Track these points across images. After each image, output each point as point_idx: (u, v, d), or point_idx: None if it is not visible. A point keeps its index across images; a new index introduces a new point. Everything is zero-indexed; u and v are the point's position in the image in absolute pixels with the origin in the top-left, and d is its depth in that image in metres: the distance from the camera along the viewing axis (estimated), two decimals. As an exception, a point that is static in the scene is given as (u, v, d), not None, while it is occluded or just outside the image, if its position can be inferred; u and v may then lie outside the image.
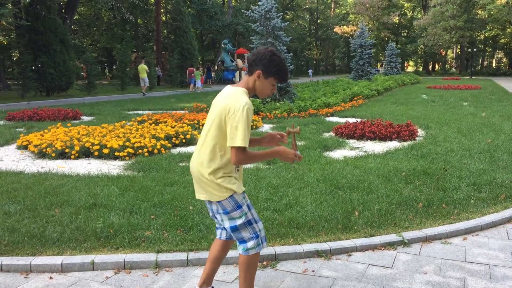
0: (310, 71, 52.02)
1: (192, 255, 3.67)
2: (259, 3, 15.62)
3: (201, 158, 2.69)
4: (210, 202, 2.76)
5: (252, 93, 2.76)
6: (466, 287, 3.30)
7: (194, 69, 31.39)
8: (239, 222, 2.71)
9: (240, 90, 2.66)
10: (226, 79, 39.83)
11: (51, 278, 3.42)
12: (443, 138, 8.98)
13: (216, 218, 2.86)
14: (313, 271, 3.56)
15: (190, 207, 4.68)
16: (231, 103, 2.57)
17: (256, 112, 13.38)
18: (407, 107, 15.53)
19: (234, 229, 2.73)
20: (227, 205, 2.69)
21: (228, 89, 2.73)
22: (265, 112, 13.30)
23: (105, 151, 7.46)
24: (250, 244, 2.73)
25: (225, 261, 3.65)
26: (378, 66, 66.86)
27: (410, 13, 72.48)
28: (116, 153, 7.45)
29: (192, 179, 5.82)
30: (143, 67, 25.69)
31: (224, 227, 2.89)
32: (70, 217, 4.40)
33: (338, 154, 7.75)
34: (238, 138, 2.51)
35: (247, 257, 2.74)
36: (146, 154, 7.59)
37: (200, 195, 2.76)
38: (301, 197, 5.06)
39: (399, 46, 60.53)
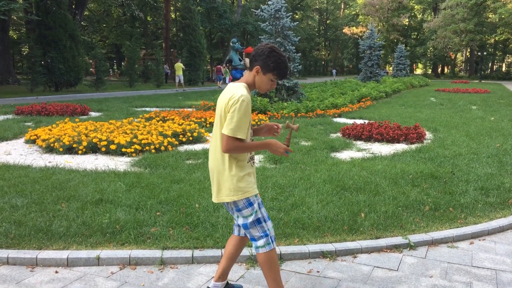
0: (334, 71, 52.86)
1: (197, 253, 3.67)
2: (269, 2, 15.60)
3: (216, 156, 2.76)
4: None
5: (252, 89, 2.79)
6: (472, 291, 3.27)
7: (222, 67, 33.76)
8: (249, 220, 2.77)
9: (239, 85, 2.71)
10: (234, 78, 39.78)
11: (56, 272, 3.44)
12: (451, 141, 8.92)
13: (233, 214, 2.93)
14: (318, 271, 3.55)
15: (196, 205, 4.68)
16: (229, 96, 2.63)
17: (263, 112, 13.36)
18: (415, 110, 15.45)
19: (245, 227, 2.80)
20: (240, 203, 2.75)
21: (229, 85, 2.79)
22: (272, 112, 13.28)
23: (112, 147, 7.49)
24: (259, 242, 2.78)
25: (230, 259, 3.65)
26: (388, 68, 66.63)
27: (420, 16, 72.10)
28: (123, 149, 7.48)
29: (197, 178, 5.83)
30: (179, 65, 28.03)
31: (237, 224, 2.96)
32: (76, 212, 4.42)
33: (345, 155, 7.73)
34: (230, 127, 2.57)
35: (261, 255, 2.79)
36: (153, 151, 7.61)
37: (216, 197, 2.80)
38: (307, 197, 5.05)
39: (408, 48, 60.29)
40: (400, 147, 8.55)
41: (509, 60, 69.93)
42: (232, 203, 2.76)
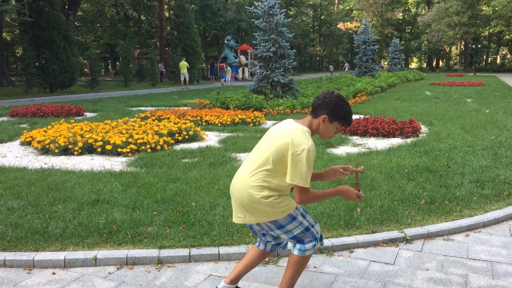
0: (331, 66, 53.25)
1: (194, 251, 3.68)
2: (262, -1, 15.58)
3: (251, 182, 2.67)
4: (258, 223, 2.76)
5: (315, 134, 2.77)
6: (468, 283, 3.30)
7: (225, 66, 35.05)
8: (296, 231, 2.76)
9: (305, 130, 2.66)
10: (223, 76, 39.79)
11: (53, 273, 3.44)
12: (447, 134, 8.95)
13: (265, 235, 2.91)
14: (315, 267, 3.56)
15: (193, 203, 4.69)
16: (296, 141, 2.57)
17: (259, 109, 13.37)
18: (411, 104, 15.49)
19: (294, 238, 2.80)
20: (282, 221, 2.72)
21: (291, 124, 2.72)
22: (268, 109, 13.29)
23: (108, 147, 7.48)
24: (308, 245, 2.79)
25: (227, 257, 3.67)
26: (382, 63, 66.70)
27: (414, 9, 72.14)
28: (119, 149, 7.47)
29: (193, 177, 5.83)
30: (184, 64, 29.03)
31: (268, 241, 2.95)
32: (73, 213, 4.42)
33: (341, 150, 7.74)
34: (301, 178, 2.55)
35: (302, 257, 2.79)
36: (149, 150, 7.60)
37: (245, 218, 2.74)
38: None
39: (402, 42, 60.34)
40: (396, 141, 8.57)
41: (504, 52, 70.10)
42: (272, 224, 2.72)
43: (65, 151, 7.64)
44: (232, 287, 3.01)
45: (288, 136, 2.61)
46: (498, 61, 68.55)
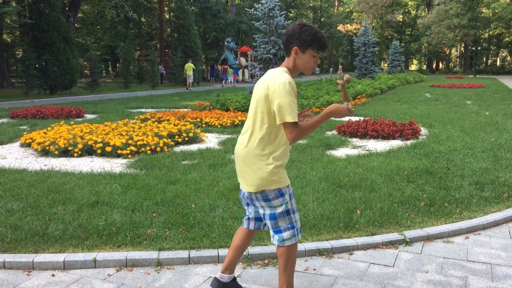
0: (331, 69, 53.33)
1: (194, 253, 3.68)
2: (262, 1, 15.59)
3: (251, 143, 2.66)
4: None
5: (296, 73, 2.69)
6: (467, 286, 3.29)
7: (227, 68, 35.73)
8: (278, 210, 2.70)
9: (280, 69, 2.63)
10: (226, 78, 39.89)
11: (53, 275, 3.44)
12: (446, 137, 8.96)
13: (249, 205, 2.87)
14: (315, 269, 3.56)
15: (192, 205, 4.69)
16: (271, 81, 2.55)
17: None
18: (411, 106, 15.50)
19: (272, 217, 2.72)
20: (270, 193, 2.67)
21: (268, 71, 2.70)
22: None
23: (108, 149, 7.48)
24: (285, 234, 2.71)
25: (226, 259, 3.66)
26: (382, 65, 66.74)
27: (414, 11, 72.25)
28: (118, 151, 7.47)
29: (193, 179, 5.83)
30: (190, 66, 29.46)
31: (255, 217, 2.91)
32: (72, 215, 4.42)
33: (340, 152, 7.74)
34: (287, 114, 2.47)
35: (285, 248, 2.72)
36: (149, 152, 7.60)
37: (244, 184, 2.73)
38: (303, 195, 5.06)
39: (402, 44, 60.38)
40: (396, 143, 8.57)
41: (503, 54, 70.15)
42: (259, 193, 2.68)
43: (65, 152, 7.64)
44: (229, 277, 3.03)
45: (265, 83, 2.60)
46: (498, 63, 68.58)
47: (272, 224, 2.74)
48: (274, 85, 2.52)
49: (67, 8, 31.85)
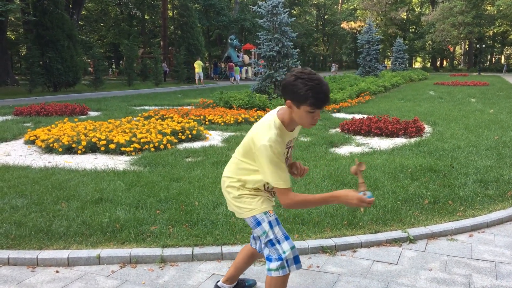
0: (333, 66, 53.39)
1: (197, 250, 3.68)
2: (266, -2, 15.57)
3: (227, 172, 2.61)
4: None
5: (293, 125, 2.43)
6: (471, 284, 3.29)
7: (234, 65, 36.21)
8: (263, 240, 2.53)
9: (272, 122, 2.36)
10: (232, 75, 39.88)
11: (57, 271, 3.45)
12: (450, 134, 8.93)
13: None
14: (318, 266, 3.56)
15: (196, 203, 4.69)
16: (256, 137, 2.35)
17: (262, 108, 13.36)
18: (414, 104, 15.45)
19: (264, 246, 2.57)
20: (249, 221, 2.56)
21: (266, 116, 2.46)
22: (271, 108, 13.27)
23: (112, 146, 7.49)
24: (272, 265, 2.49)
25: (230, 256, 3.67)
26: (386, 62, 66.59)
27: (418, 9, 71.98)
28: (122, 148, 7.48)
29: (196, 176, 5.84)
30: (199, 63, 30.21)
31: (253, 236, 2.85)
32: (76, 212, 4.43)
33: (344, 150, 7.73)
34: (271, 177, 2.30)
35: (269, 278, 2.50)
36: (152, 149, 7.61)
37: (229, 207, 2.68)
38: (307, 193, 5.06)
39: (406, 42, 60.19)
40: (399, 141, 8.55)
41: (508, 52, 69.83)
42: (246, 220, 2.59)
43: (69, 150, 7.66)
44: (229, 287, 3.01)
45: (253, 130, 2.41)
46: (502, 61, 68.26)
47: (264, 251, 2.58)
48: (255, 145, 2.33)
49: (70, 6, 31.89)
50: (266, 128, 2.34)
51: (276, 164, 2.28)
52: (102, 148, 7.59)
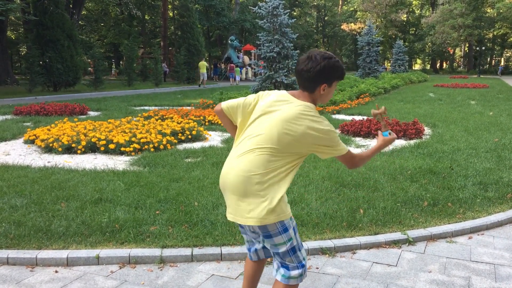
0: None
1: (197, 251, 3.68)
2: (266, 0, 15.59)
3: (249, 168, 2.30)
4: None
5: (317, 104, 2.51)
6: (470, 286, 3.29)
7: (234, 66, 36.59)
8: (282, 249, 2.38)
9: (312, 108, 2.36)
10: (232, 76, 39.87)
11: (56, 271, 3.45)
12: (450, 136, 8.93)
13: (253, 240, 2.62)
14: (317, 268, 3.56)
15: (195, 203, 4.69)
16: (316, 129, 2.28)
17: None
18: (414, 105, 15.46)
19: (277, 255, 2.44)
20: (271, 229, 2.32)
21: (295, 105, 2.35)
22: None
23: (111, 146, 7.49)
24: (294, 273, 2.41)
25: (229, 257, 3.67)
26: (386, 64, 66.64)
27: (418, 11, 72.01)
28: (122, 149, 7.48)
29: (196, 177, 5.83)
30: (203, 64, 30.94)
31: (256, 249, 2.64)
32: (76, 212, 4.43)
33: (343, 151, 7.72)
34: (342, 148, 2.37)
35: (287, 286, 2.42)
36: (152, 149, 7.61)
37: (237, 216, 2.36)
38: (306, 194, 5.06)
39: (406, 44, 60.24)
40: (399, 142, 8.55)
41: (508, 54, 69.89)
42: (261, 228, 2.32)
43: (69, 149, 7.66)
44: None
45: (301, 123, 2.29)
46: (502, 64, 68.31)
47: (278, 259, 2.46)
48: (323, 133, 2.30)
49: (71, 6, 31.87)
50: (318, 119, 2.33)
51: (339, 139, 2.39)
52: (102, 148, 7.58)
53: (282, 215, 2.32)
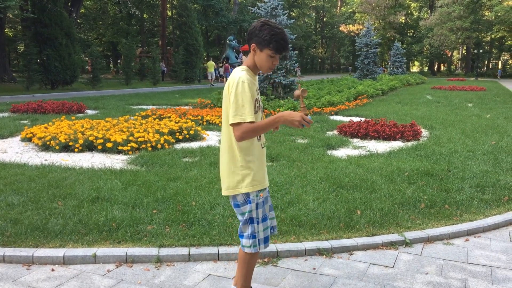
0: (350, 68, 53.14)
1: (194, 250, 3.67)
2: (265, 0, 15.58)
3: (222, 147, 2.66)
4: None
5: (256, 71, 2.62)
6: (467, 288, 3.29)
7: (229, 66, 36.97)
8: (244, 217, 2.68)
9: (239, 68, 2.58)
10: (228, 76, 39.92)
11: (53, 270, 3.43)
12: (447, 139, 8.95)
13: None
14: (314, 268, 3.56)
15: (193, 203, 4.69)
16: (230, 83, 2.52)
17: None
18: (412, 107, 15.49)
19: (241, 222, 2.72)
20: (239, 199, 2.64)
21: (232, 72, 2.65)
22: (269, 110, 13.28)
23: (109, 145, 7.48)
24: (246, 241, 2.70)
25: (226, 257, 3.66)
26: (384, 66, 66.74)
27: (417, 13, 72.25)
28: (119, 147, 7.47)
29: (193, 176, 5.83)
30: (211, 64, 33.31)
31: None
32: (72, 210, 4.41)
33: (341, 153, 7.74)
34: (236, 113, 2.43)
35: (243, 253, 2.73)
36: (150, 149, 7.60)
37: (223, 190, 2.70)
38: (304, 195, 5.06)
39: (404, 46, 60.37)
40: (396, 144, 8.57)
41: (505, 57, 70.10)
42: (232, 198, 2.67)
43: (66, 148, 7.64)
44: None
45: (226, 84, 2.57)
46: (499, 67, 68.52)
47: (239, 228, 2.75)
48: (230, 85, 2.50)
49: (69, 4, 31.79)
50: (236, 72, 2.53)
51: (246, 99, 2.43)
52: (99, 147, 7.57)
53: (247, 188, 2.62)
